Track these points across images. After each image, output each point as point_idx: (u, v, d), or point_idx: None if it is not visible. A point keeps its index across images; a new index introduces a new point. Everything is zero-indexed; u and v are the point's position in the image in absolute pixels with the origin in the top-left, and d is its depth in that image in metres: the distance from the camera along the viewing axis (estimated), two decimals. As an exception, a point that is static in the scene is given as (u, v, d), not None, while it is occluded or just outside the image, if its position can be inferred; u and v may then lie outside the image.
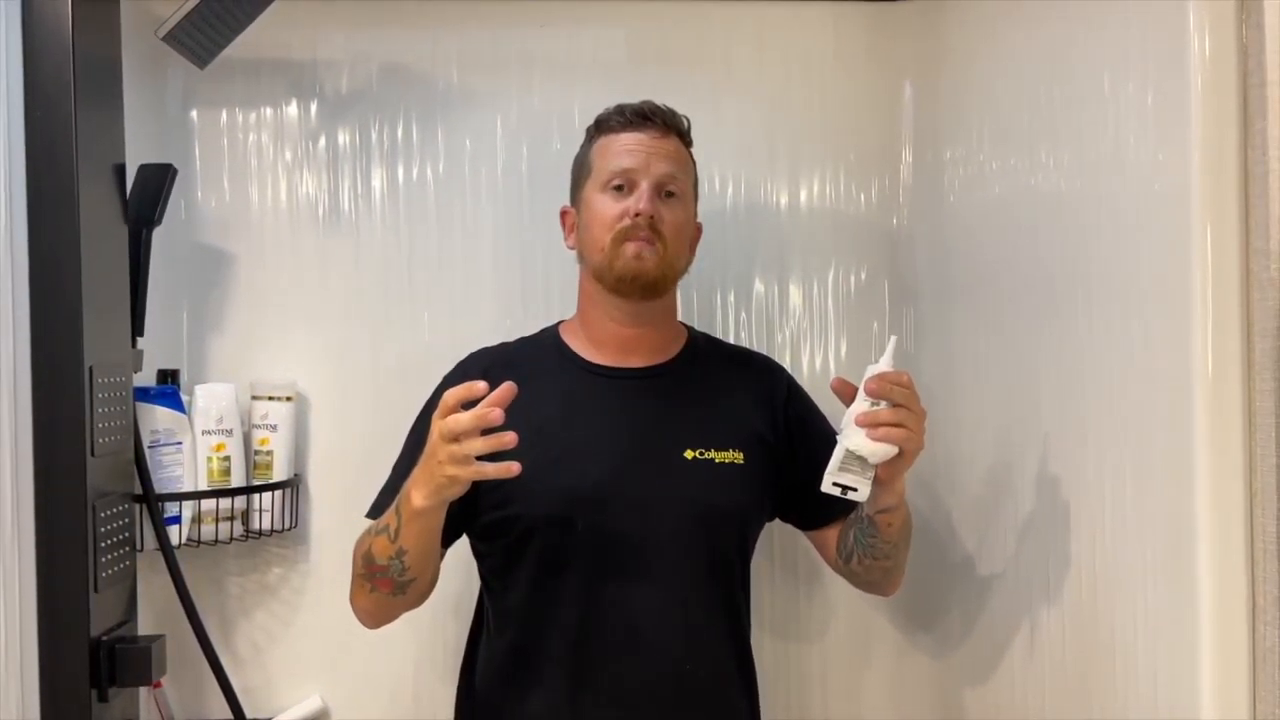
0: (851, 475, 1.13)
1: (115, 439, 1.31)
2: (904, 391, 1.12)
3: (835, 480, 1.13)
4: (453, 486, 1.09)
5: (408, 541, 1.16)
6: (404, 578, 1.20)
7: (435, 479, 1.08)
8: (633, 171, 1.27)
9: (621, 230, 1.26)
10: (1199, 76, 0.96)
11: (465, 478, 1.07)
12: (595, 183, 1.30)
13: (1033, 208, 1.29)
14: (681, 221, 1.30)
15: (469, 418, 1.05)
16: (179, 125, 1.65)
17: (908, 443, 1.12)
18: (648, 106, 1.31)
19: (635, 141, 1.29)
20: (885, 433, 1.11)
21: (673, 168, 1.29)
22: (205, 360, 1.63)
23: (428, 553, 1.20)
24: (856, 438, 1.11)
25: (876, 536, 1.27)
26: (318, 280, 1.65)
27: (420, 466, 1.11)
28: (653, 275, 1.26)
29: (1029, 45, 1.30)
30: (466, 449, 1.05)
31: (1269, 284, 0.91)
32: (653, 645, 1.25)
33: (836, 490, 1.14)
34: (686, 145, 1.34)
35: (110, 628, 1.27)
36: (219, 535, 1.50)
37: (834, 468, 1.14)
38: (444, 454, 1.06)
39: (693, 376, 1.35)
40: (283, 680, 1.63)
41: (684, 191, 1.31)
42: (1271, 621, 0.91)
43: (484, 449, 1.05)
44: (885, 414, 1.11)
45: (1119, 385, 1.09)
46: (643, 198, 1.26)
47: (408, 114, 1.67)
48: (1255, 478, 0.93)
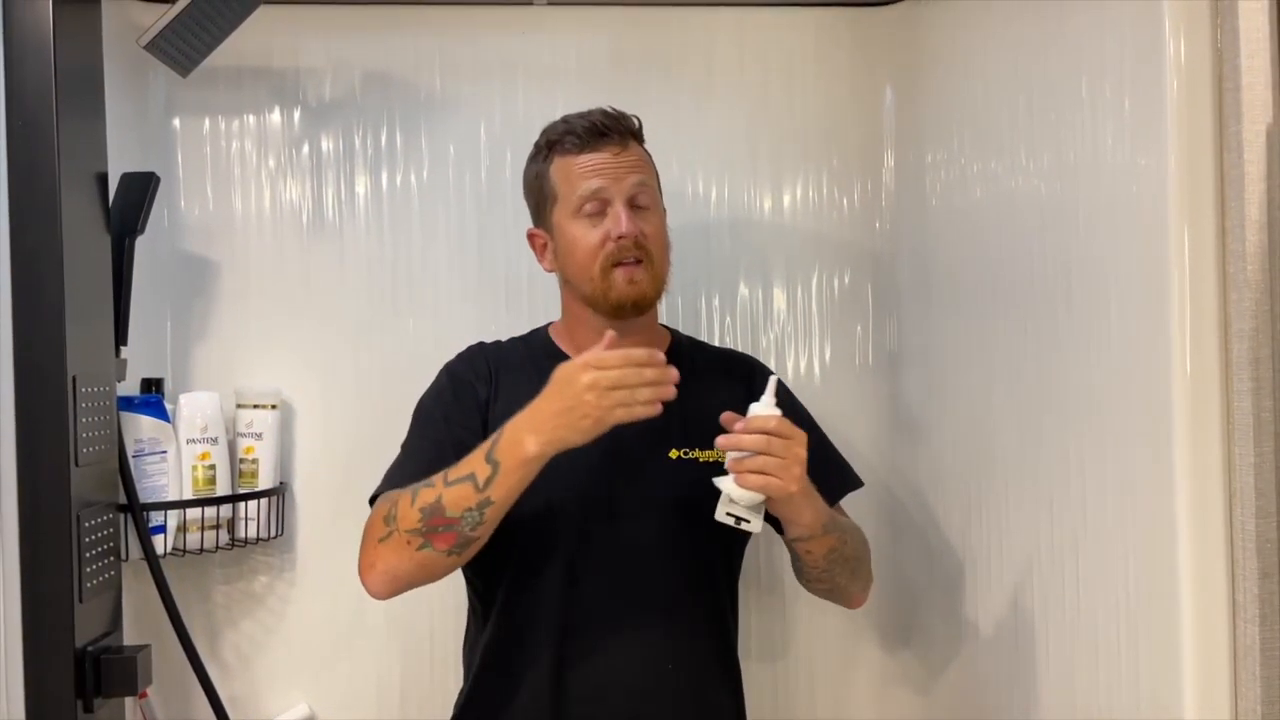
0: (740, 509, 1.15)
1: (99, 449, 1.30)
2: (770, 440, 1.12)
3: (727, 511, 1.16)
4: (594, 430, 1.09)
5: (499, 492, 1.12)
6: (475, 532, 1.15)
7: (577, 422, 1.08)
8: (603, 191, 1.26)
9: (608, 256, 1.25)
10: (1174, 80, 0.97)
11: (617, 418, 1.09)
12: (565, 209, 1.29)
13: (1013, 210, 1.30)
14: (659, 229, 1.30)
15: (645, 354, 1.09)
16: (161, 133, 1.64)
17: (769, 489, 1.13)
18: (599, 121, 1.28)
19: (598, 161, 1.27)
20: (744, 479, 1.13)
21: (640, 177, 1.28)
22: (189, 369, 1.63)
23: (507, 509, 1.16)
24: (728, 481, 1.14)
25: (802, 563, 1.28)
26: (302, 288, 1.65)
27: (545, 413, 1.10)
28: (650, 296, 1.28)
29: (1008, 49, 1.31)
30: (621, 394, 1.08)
31: (1245, 285, 0.92)
32: (634, 645, 1.25)
33: (730, 520, 1.16)
34: (643, 145, 1.33)
35: (95, 638, 1.26)
36: (204, 544, 1.50)
37: (721, 500, 1.16)
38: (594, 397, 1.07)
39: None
40: (269, 689, 1.62)
41: (655, 199, 1.31)
42: (1251, 618, 0.93)
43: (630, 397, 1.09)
44: (749, 461, 1.13)
45: (1099, 386, 1.10)
46: (621, 219, 1.25)
47: (391, 120, 1.67)
48: (1234, 476, 0.94)
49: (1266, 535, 0.92)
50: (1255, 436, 0.92)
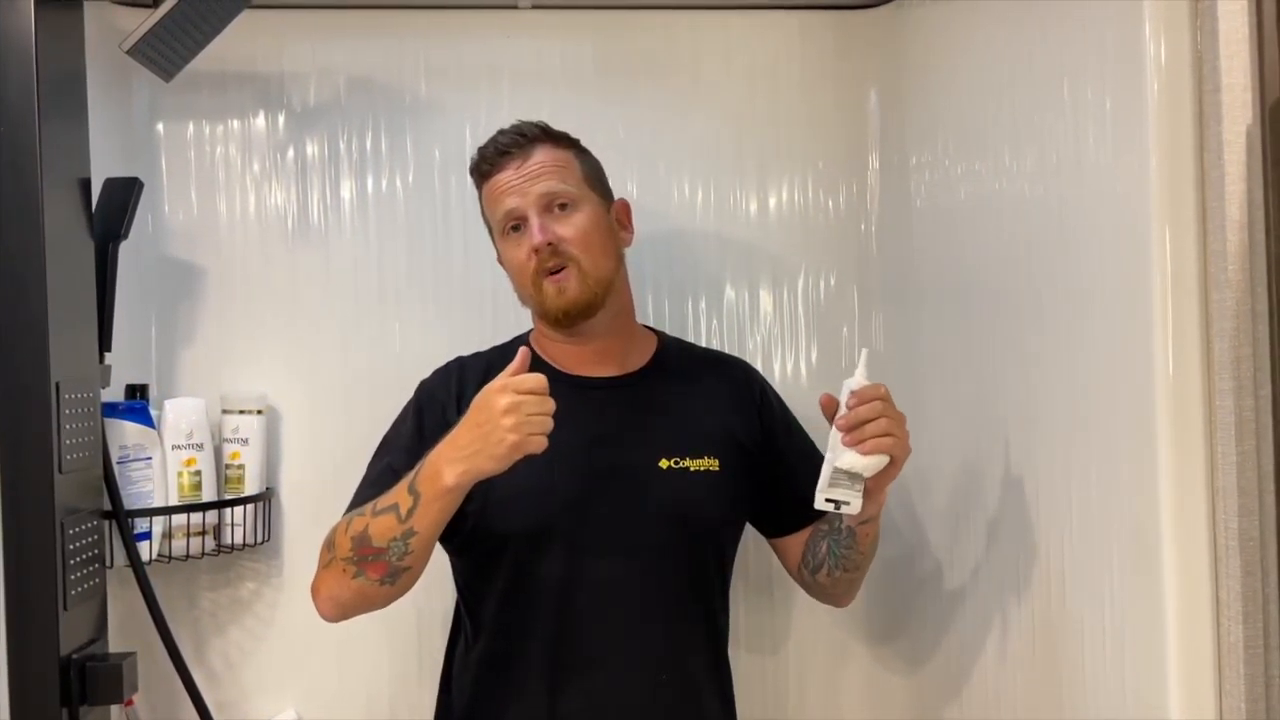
0: (842, 490, 1.15)
1: (83, 455, 1.29)
2: (883, 404, 1.14)
3: (827, 496, 1.15)
4: (508, 456, 1.08)
5: (422, 523, 1.13)
6: (402, 563, 1.15)
7: (492, 449, 1.07)
8: (515, 210, 1.27)
9: (534, 271, 1.26)
10: (1155, 82, 0.97)
11: (533, 447, 1.08)
12: (497, 233, 1.32)
13: (997, 211, 1.31)
14: (586, 227, 1.27)
15: (540, 383, 1.08)
16: (145, 138, 1.64)
17: (896, 449, 1.14)
18: (500, 141, 1.29)
19: (506, 180, 1.28)
20: (875, 444, 1.13)
21: (549, 181, 1.27)
22: (174, 374, 1.62)
23: (433, 539, 1.16)
24: (847, 455, 1.14)
25: (853, 548, 1.28)
26: (287, 292, 1.65)
27: (461, 442, 1.10)
28: (582, 300, 1.26)
29: (991, 52, 1.32)
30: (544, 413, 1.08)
31: (1226, 285, 0.92)
32: (628, 656, 1.25)
33: (830, 506, 1.16)
34: (557, 144, 1.31)
35: (80, 645, 1.26)
36: (190, 550, 1.49)
37: (824, 484, 1.15)
38: (513, 421, 1.06)
39: (664, 383, 1.35)
40: (257, 695, 1.62)
41: (574, 194, 1.28)
42: (1235, 617, 0.93)
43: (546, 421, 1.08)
44: (872, 427, 1.13)
45: (1082, 386, 1.11)
46: (534, 231, 1.25)
47: (376, 125, 1.67)
48: (1216, 475, 0.95)
49: (1249, 533, 0.92)
50: (1237, 435, 0.92)
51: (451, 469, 1.10)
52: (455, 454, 1.10)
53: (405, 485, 1.14)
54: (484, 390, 1.11)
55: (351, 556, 1.17)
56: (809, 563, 1.35)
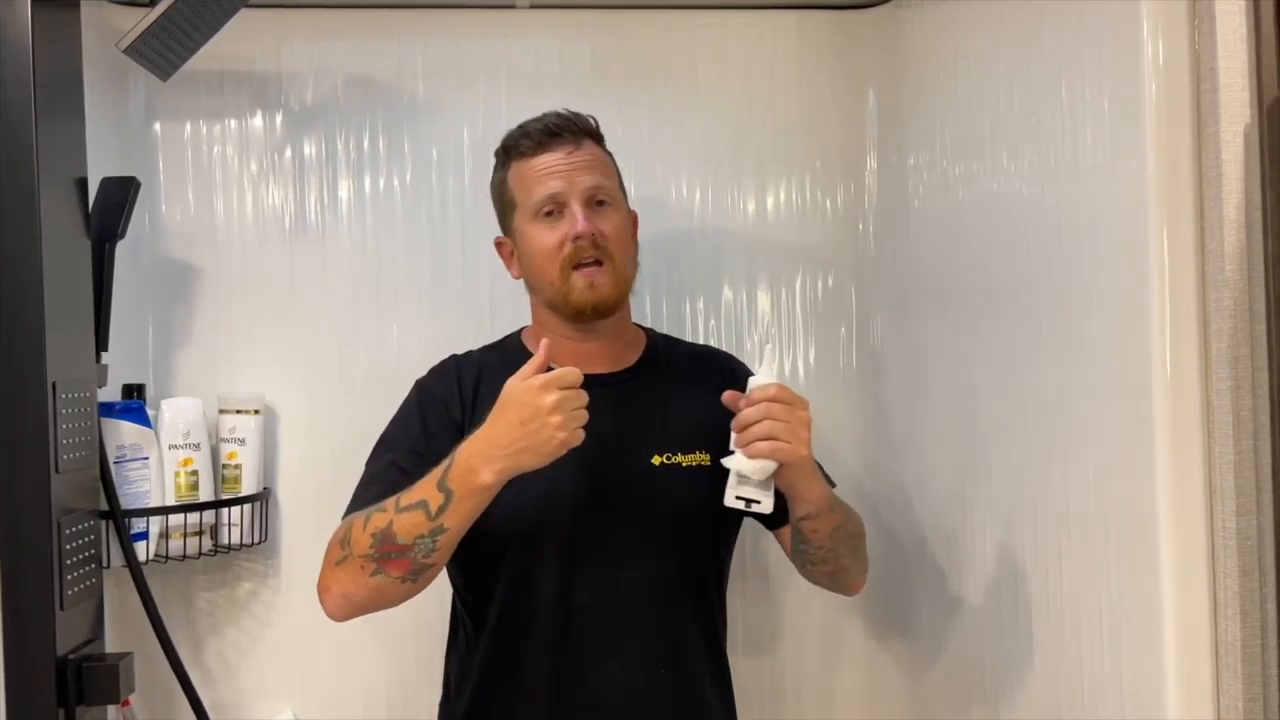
0: (749, 489, 1.15)
1: (80, 455, 1.29)
2: (769, 405, 1.13)
3: (737, 494, 1.15)
4: (555, 453, 1.09)
5: (453, 520, 1.11)
6: (428, 560, 1.13)
7: (540, 446, 1.08)
8: (559, 194, 1.25)
9: (566, 258, 1.24)
10: (1153, 82, 0.97)
11: (576, 441, 1.09)
12: (525, 213, 1.28)
13: (995, 211, 1.31)
14: (620, 227, 1.28)
15: (579, 378, 1.09)
16: (142, 138, 1.63)
17: (780, 453, 1.13)
18: (553, 121, 1.28)
19: (552, 162, 1.26)
20: (755, 448, 1.12)
21: (597, 176, 1.26)
22: (171, 374, 1.62)
23: (460, 536, 1.14)
24: (736, 457, 1.14)
25: (807, 544, 1.28)
26: (285, 292, 1.64)
27: (501, 440, 1.09)
28: (611, 299, 1.26)
29: (989, 52, 1.32)
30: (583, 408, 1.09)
31: (1224, 285, 0.92)
32: (629, 653, 1.25)
33: (740, 504, 1.15)
34: (601, 144, 1.32)
35: (77, 646, 1.25)
36: (187, 550, 1.49)
37: (731, 483, 1.15)
38: (560, 419, 1.07)
39: (655, 380, 1.35)
40: (254, 696, 1.61)
41: (613, 195, 1.29)
42: (1232, 616, 0.93)
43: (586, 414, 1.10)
44: (755, 429, 1.13)
45: (1080, 385, 1.11)
46: (577, 219, 1.23)
47: (374, 125, 1.67)
48: (1214, 475, 0.95)
49: (1247, 533, 0.92)
50: (1235, 434, 0.93)
51: (490, 466, 1.09)
52: (495, 451, 1.09)
53: (433, 482, 1.12)
54: (519, 388, 1.10)
55: (371, 554, 1.14)
56: (791, 554, 1.36)
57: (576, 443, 1.10)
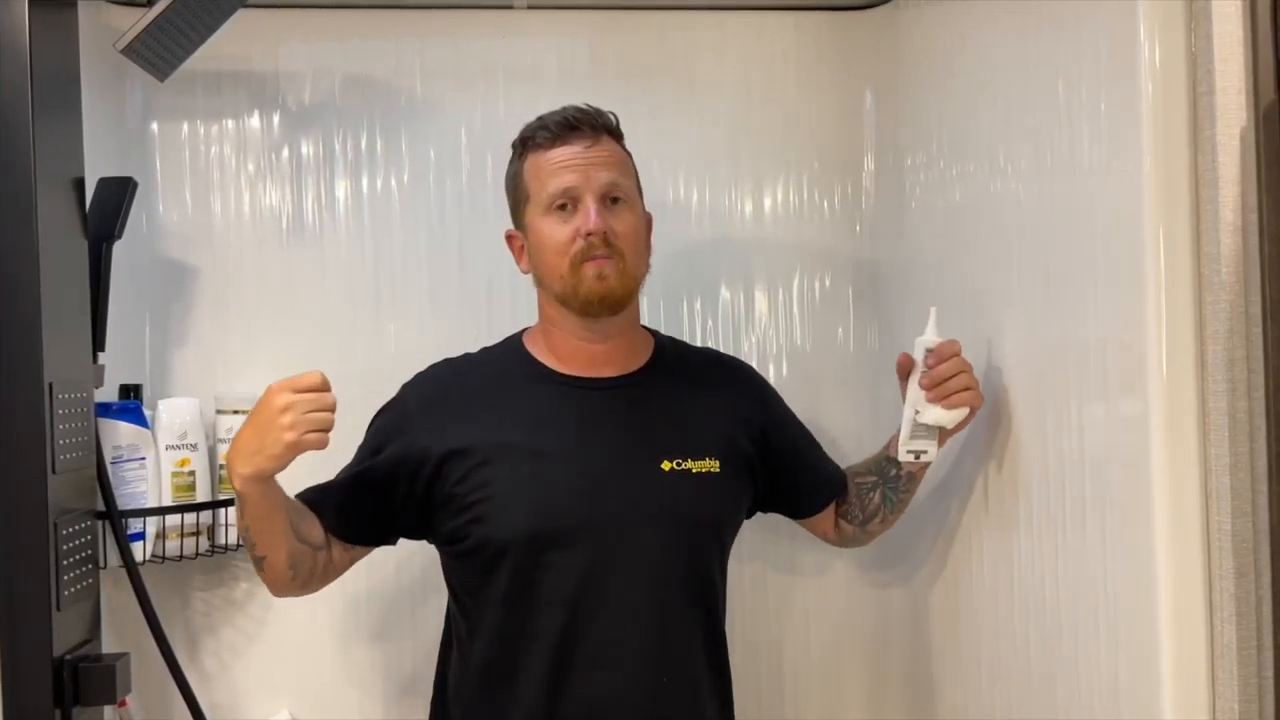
0: (921, 441, 1.29)
1: (77, 455, 1.29)
2: (960, 359, 1.25)
3: (909, 449, 1.29)
4: (285, 455, 1.10)
5: (250, 518, 1.17)
6: (257, 552, 1.21)
7: (270, 448, 1.10)
8: (573, 189, 1.23)
9: (577, 253, 1.23)
10: (1149, 84, 0.97)
11: (312, 444, 1.11)
12: (537, 207, 1.26)
13: (991, 212, 1.31)
14: (634, 226, 1.27)
15: (317, 381, 1.12)
16: (139, 138, 1.63)
17: (976, 401, 1.26)
18: (572, 114, 1.26)
19: (568, 156, 1.24)
20: (958, 398, 1.25)
21: (613, 173, 1.25)
22: (168, 375, 1.62)
23: (269, 531, 1.19)
24: (933, 411, 1.26)
25: (910, 490, 1.40)
26: (282, 293, 1.64)
27: (242, 442, 1.12)
28: (618, 293, 1.24)
29: (987, 54, 1.32)
30: (322, 409, 1.11)
31: (1220, 287, 0.93)
32: (630, 660, 1.24)
33: (911, 457, 1.30)
34: (619, 141, 1.31)
35: (73, 646, 1.25)
36: (184, 551, 1.49)
37: (905, 438, 1.29)
38: (290, 419, 1.09)
39: (664, 384, 1.34)
40: (251, 696, 1.61)
41: (629, 194, 1.27)
42: (1228, 617, 0.93)
43: (327, 419, 1.12)
44: (954, 382, 1.24)
45: (1076, 387, 1.11)
46: (590, 215, 1.22)
47: (371, 124, 1.67)
48: (1210, 477, 0.95)
49: (1243, 534, 0.93)
50: (1231, 437, 0.93)
51: (238, 470, 1.13)
52: (237, 456, 1.13)
53: None
54: (266, 389, 1.13)
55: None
56: (858, 516, 1.42)
57: (312, 446, 1.12)
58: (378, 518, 1.29)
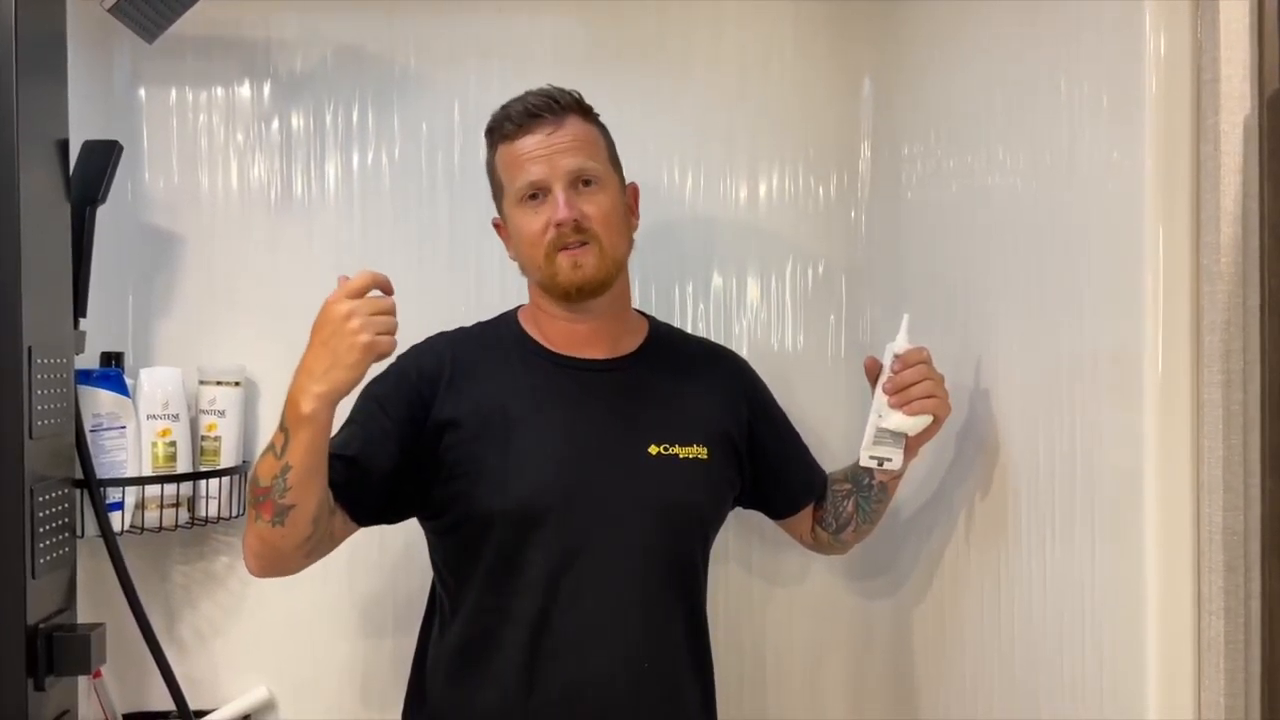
0: (885, 447, 1.25)
1: (55, 422, 1.27)
2: (927, 367, 1.23)
3: (871, 454, 1.26)
4: (363, 361, 1.06)
5: (295, 456, 1.09)
6: (284, 500, 1.11)
7: (344, 357, 1.05)
8: (540, 181, 1.22)
9: (551, 243, 1.22)
10: (1154, 76, 0.96)
11: (384, 347, 1.06)
12: (511, 199, 1.26)
13: (988, 204, 1.30)
14: (608, 207, 1.25)
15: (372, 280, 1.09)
16: (126, 103, 1.61)
17: (939, 409, 1.24)
18: (532, 101, 1.25)
19: (534, 145, 1.23)
20: (920, 405, 1.22)
21: (580, 157, 1.23)
22: (151, 344, 1.60)
23: (313, 472, 1.11)
24: (894, 416, 1.23)
25: (883, 501, 1.37)
26: (268, 265, 1.62)
27: (312, 366, 1.07)
28: (596, 279, 1.24)
29: (987, 44, 1.31)
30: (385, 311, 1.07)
31: (1218, 278, 0.92)
32: (611, 643, 1.23)
33: (874, 463, 1.26)
34: (587, 117, 1.28)
35: (48, 615, 1.23)
36: (164, 522, 1.47)
37: (868, 443, 1.25)
38: (359, 322, 1.05)
39: (655, 369, 1.33)
40: (228, 670, 1.60)
41: (601, 172, 1.26)
42: (1216, 611, 0.93)
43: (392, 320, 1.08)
44: (917, 389, 1.22)
45: (1070, 378, 1.10)
46: (560, 205, 1.21)
47: (363, 98, 1.65)
48: (1202, 469, 0.94)
49: (1233, 528, 0.92)
50: (1225, 429, 0.92)
51: (307, 394, 1.07)
52: (308, 379, 1.07)
53: (280, 421, 1.11)
54: (319, 312, 1.09)
55: (250, 500, 1.15)
56: (831, 524, 1.41)
57: (386, 350, 1.07)
58: (390, 490, 1.23)
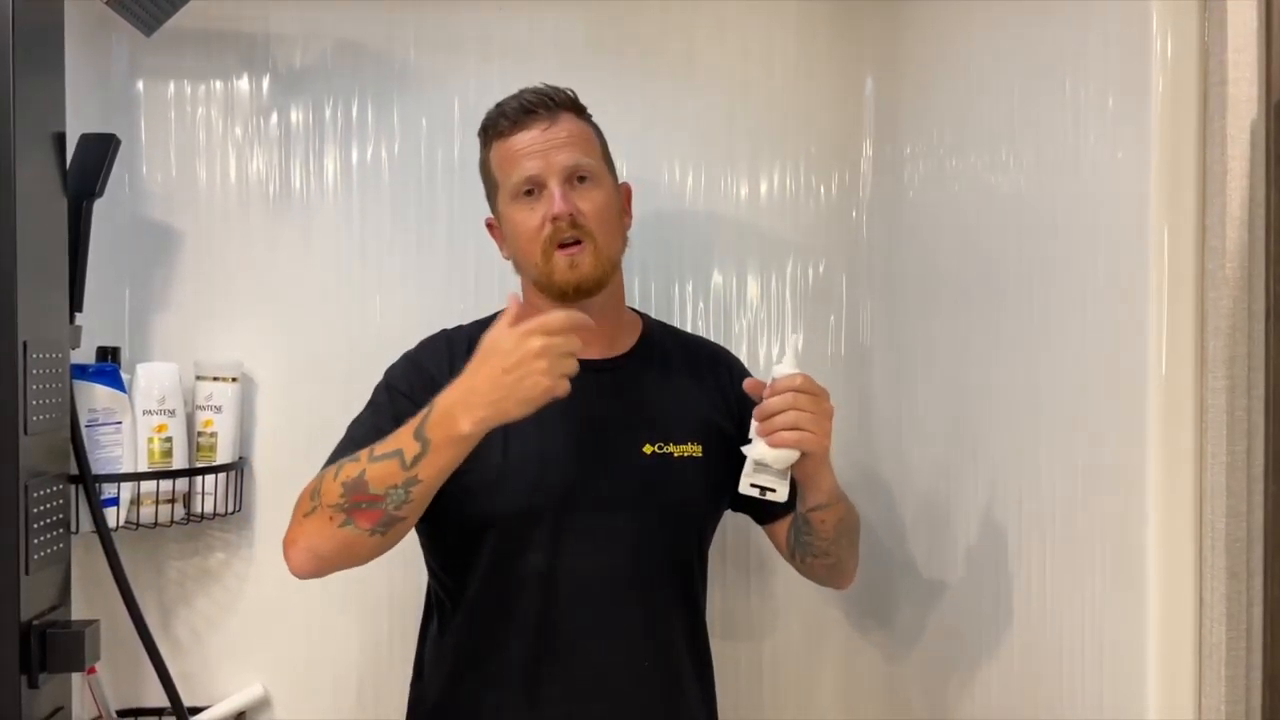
0: (765, 477, 1.14)
1: (50, 417, 1.26)
2: (797, 396, 1.12)
3: (752, 482, 1.14)
4: (540, 401, 1.04)
5: (428, 471, 1.07)
6: (399, 512, 1.09)
7: (524, 393, 1.04)
8: (536, 176, 1.22)
9: (546, 239, 1.22)
10: (1160, 78, 0.96)
11: (562, 390, 1.05)
12: (505, 195, 1.26)
13: (991, 205, 1.29)
14: (602, 204, 1.25)
15: (570, 321, 1.05)
16: (124, 96, 1.60)
17: (804, 444, 1.12)
18: (527, 98, 1.25)
19: (528, 141, 1.23)
20: (780, 437, 1.11)
21: (574, 153, 1.23)
22: (148, 339, 1.59)
23: (434, 490, 1.10)
24: (759, 445, 1.12)
25: (812, 534, 1.27)
26: (266, 261, 1.62)
27: (482, 388, 1.05)
28: (592, 278, 1.23)
29: (992, 44, 1.30)
30: (573, 354, 1.05)
31: (1223, 282, 0.91)
32: (611, 642, 1.23)
33: (755, 492, 1.14)
34: (581, 115, 1.29)
35: (42, 611, 1.22)
36: (159, 518, 1.46)
37: (748, 470, 1.14)
38: (547, 364, 1.03)
39: (650, 368, 1.33)
40: (223, 668, 1.59)
41: (595, 170, 1.25)
42: (1218, 618, 0.92)
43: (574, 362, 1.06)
44: (780, 419, 1.11)
45: (1072, 381, 1.09)
46: (555, 199, 1.21)
47: (363, 93, 1.64)
48: (1205, 475, 0.94)
49: (1236, 535, 0.91)
50: (1228, 435, 0.91)
51: (470, 415, 1.05)
52: (476, 400, 1.05)
53: (410, 431, 1.08)
54: (504, 334, 1.06)
55: (341, 503, 1.10)
56: (789, 548, 1.35)
57: (562, 393, 1.06)
58: None
